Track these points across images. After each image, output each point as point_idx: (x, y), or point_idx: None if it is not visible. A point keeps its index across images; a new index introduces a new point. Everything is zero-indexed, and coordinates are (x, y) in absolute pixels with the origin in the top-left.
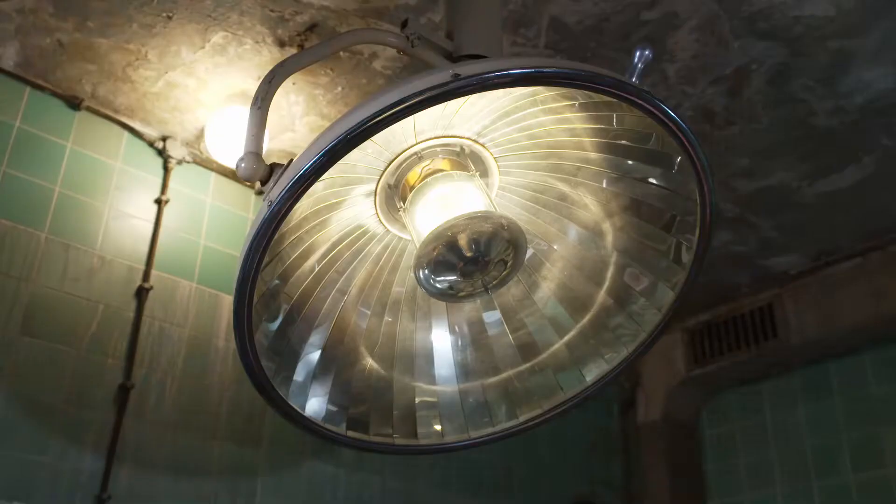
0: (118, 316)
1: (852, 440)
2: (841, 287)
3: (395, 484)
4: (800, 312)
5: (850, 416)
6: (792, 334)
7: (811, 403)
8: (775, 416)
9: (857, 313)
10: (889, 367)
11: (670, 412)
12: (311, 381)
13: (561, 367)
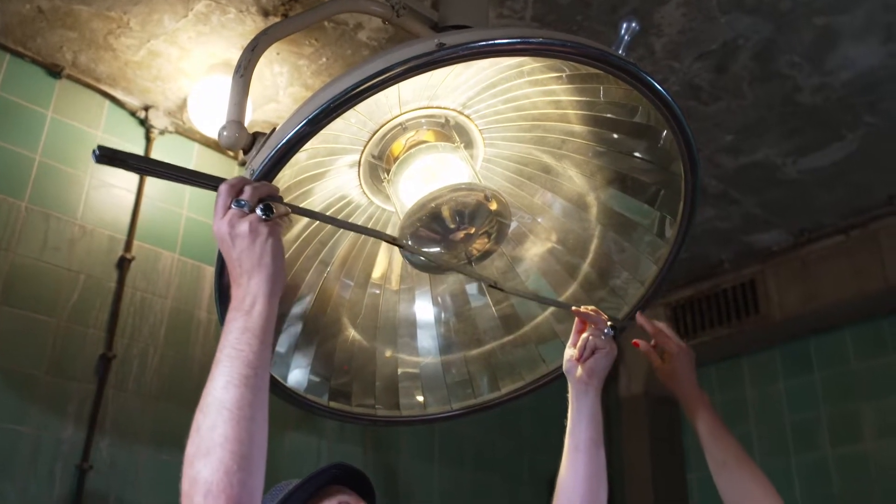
0: (99, 286)
1: (831, 415)
2: (822, 264)
3: (377, 456)
4: (781, 289)
5: (829, 392)
6: (773, 310)
7: (791, 379)
8: (755, 391)
9: (838, 290)
10: (869, 343)
11: (652, 387)
12: (293, 352)
13: (543, 340)
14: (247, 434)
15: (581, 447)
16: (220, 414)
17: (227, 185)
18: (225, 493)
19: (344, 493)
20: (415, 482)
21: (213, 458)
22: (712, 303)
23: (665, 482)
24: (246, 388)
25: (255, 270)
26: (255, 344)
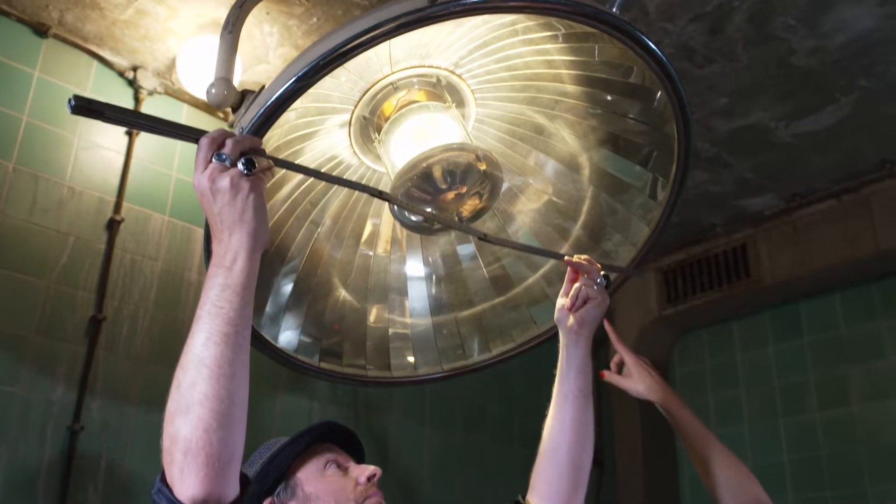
0: (89, 248)
1: (819, 379)
2: (814, 229)
3: (368, 418)
4: (772, 253)
5: (818, 356)
6: (764, 274)
7: (781, 343)
8: (745, 355)
9: (829, 255)
10: (859, 307)
11: (642, 350)
12: (284, 313)
13: (535, 301)
14: (226, 392)
15: (570, 396)
16: (199, 371)
17: (208, 138)
18: (204, 451)
19: (332, 451)
20: (406, 444)
21: (193, 416)
22: (703, 267)
23: (654, 445)
24: (226, 345)
25: (237, 226)
26: (235, 301)
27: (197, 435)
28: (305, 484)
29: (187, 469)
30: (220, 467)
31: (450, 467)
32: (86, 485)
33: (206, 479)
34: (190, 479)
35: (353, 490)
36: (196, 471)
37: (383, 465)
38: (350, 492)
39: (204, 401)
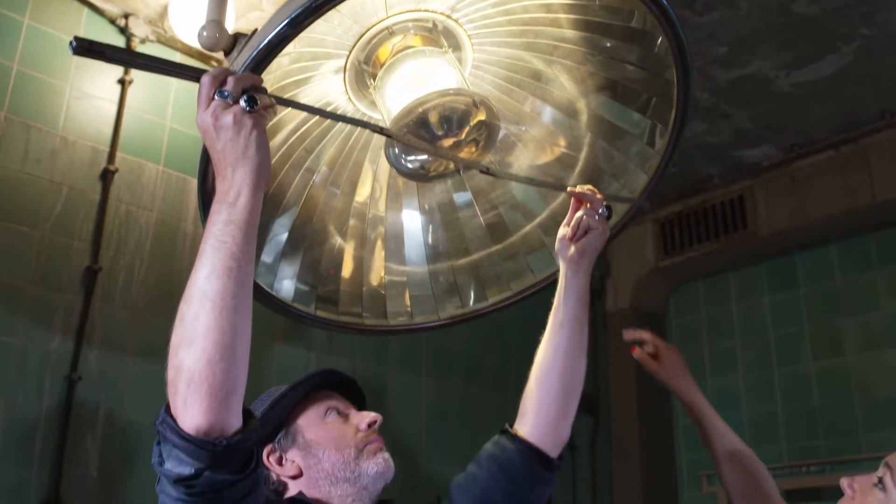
0: (83, 198)
1: (814, 330)
2: (812, 180)
3: (366, 367)
4: (770, 204)
5: (813, 307)
6: (761, 226)
7: (776, 294)
8: (741, 306)
9: (826, 206)
10: (855, 259)
11: (638, 302)
12: (280, 262)
13: (531, 250)
14: (229, 325)
15: (566, 323)
16: (202, 304)
17: (210, 76)
18: (207, 382)
19: (333, 399)
20: (403, 394)
21: (196, 348)
22: (700, 218)
23: (650, 396)
24: (228, 279)
25: (240, 162)
26: (238, 236)
27: (200, 366)
28: (306, 431)
29: (191, 399)
30: (222, 398)
31: (447, 417)
32: (84, 434)
33: (208, 410)
34: (193, 409)
35: (353, 436)
36: (199, 401)
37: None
38: (350, 438)
39: (207, 333)
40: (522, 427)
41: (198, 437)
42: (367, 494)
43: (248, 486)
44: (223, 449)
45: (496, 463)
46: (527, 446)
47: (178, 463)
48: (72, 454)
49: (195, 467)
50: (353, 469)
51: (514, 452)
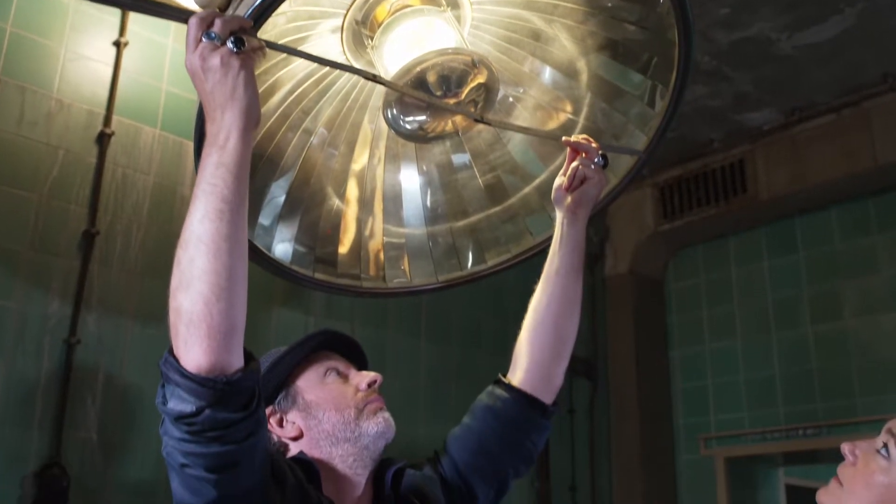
0: (80, 162)
1: (813, 294)
2: (812, 144)
3: (364, 332)
4: (770, 168)
5: (812, 271)
6: (761, 190)
7: (775, 258)
8: (740, 270)
9: (826, 170)
10: (854, 223)
11: (637, 266)
12: (277, 224)
13: (530, 212)
14: (223, 267)
15: (561, 272)
16: (197, 247)
17: (197, 17)
18: (205, 322)
19: (332, 359)
20: (402, 358)
21: (193, 291)
22: (700, 183)
23: (647, 360)
24: (221, 221)
25: (228, 104)
26: (229, 179)
27: (198, 308)
28: (305, 392)
29: (191, 341)
30: (221, 338)
31: (446, 381)
32: (84, 397)
33: (208, 350)
34: (194, 350)
35: (353, 397)
36: (199, 342)
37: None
38: (350, 398)
39: (202, 276)
40: (516, 375)
41: (199, 375)
42: (368, 454)
43: (249, 426)
44: (223, 386)
45: (491, 412)
46: (521, 394)
47: (180, 401)
48: (72, 417)
49: (196, 405)
50: (353, 429)
51: (509, 401)
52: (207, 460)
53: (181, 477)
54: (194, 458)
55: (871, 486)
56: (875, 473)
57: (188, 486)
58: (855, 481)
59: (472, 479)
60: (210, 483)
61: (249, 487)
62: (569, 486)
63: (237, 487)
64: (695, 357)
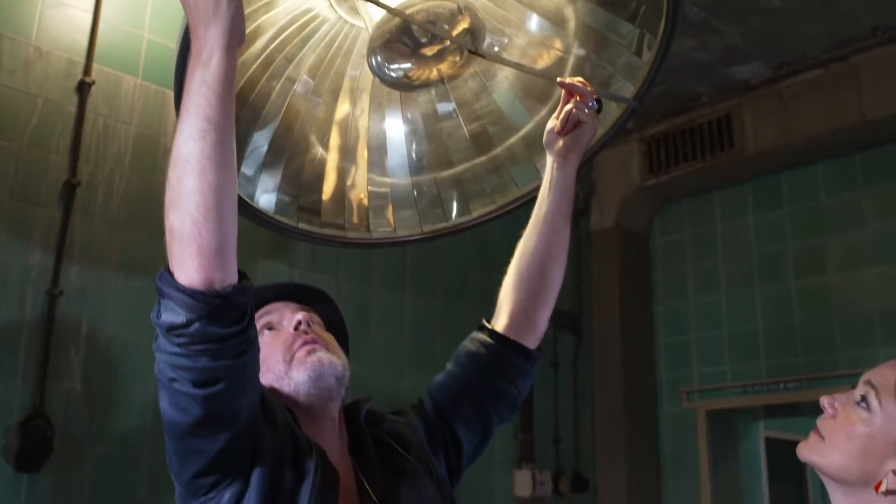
0: (60, 111)
1: (797, 249)
2: (800, 98)
3: (349, 285)
4: (757, 123)
5: (797, 226)
6: (748, 144)
7: (761, 213)
8: (725, 225)
9: (813, 125)
10: (840, 178)
11: (623, 220)
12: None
13: (515, 162)
14: (208, 186)
15: (549, 216)
16: (184, 168)
17: None
18: (195, 241)
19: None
20: (387, 311)
21: (182, 210)
22: (687, 137)
23: (632, 314)
24: (205, 141)
25: (212, 20)
26: (212, 98)
27: (187, 227)
28: None
29: (183, 258)
30: (211, 255)
31: (431, 334)
32: (67, 349)
33: (200, 267)
34: (186, 267)
35: (282, 349)
36: (190, 259)
37: (364, 333)
38: (279, 351)
39: (189, 195)
40: (499, 321)
41: (190, 288)
42: (315, 399)
43: (239, 344)
44: (213, 299)
45: (474, 358)
46: (504, 340)
47: (172, 313)
48: (55, 368)
49: (186, 317)
50: (287, 382)
51: (492, 346)
52: (195, 374)
53: (170, 394)
54: (182, 372)
55: (852, 438)
56: (856, 425)
57: (176, 403)
58: (836, 433)
59: (456, 426)
60: (197, 400)
61: (236, 410)
62: (552, 439)
63: (224, 408)
64: (679, 311)
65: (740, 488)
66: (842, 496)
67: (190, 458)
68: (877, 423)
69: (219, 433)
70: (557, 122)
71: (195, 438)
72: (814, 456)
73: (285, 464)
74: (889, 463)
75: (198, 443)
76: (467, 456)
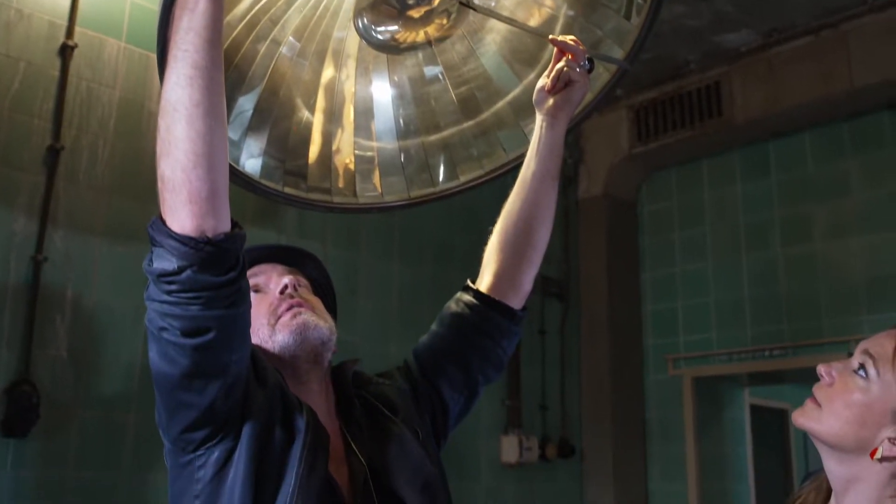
0: (42, 74)
1: (784, 217)
2: (789, 66)
3: (337, 252)
4: (746, 91)
5: (784, 194)
6: (737, 113)
7: (748, 182)
8: (713, 193)
9: (802, 93)
10: (828, 147)
11: (611, 188)
12: (246, 136)
13: (503, 127)
14: (197, 133)
15: (537, 175)
16: (172, 115)
17: None
18: (185, 188)
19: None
20: (375, 278)
21: (172, 158)
22: (676, 105)
23: (619, 282)
24: (192, 88)
25: None
26: (198, 43)
27: (177, 175)
28: None
29: (175, 206)
30: (202, 203)
31: (418, 300)
32: (53, 315)
33: (191, 215)
34: (178, 214)
35: (266, 311)
36: (182, 207)
37: (351, 299)
38: (264, 315)
39: (178, 143)
40: (484, 281)
41: (182, 234)
42: (303, 359)
43: (230, 295)
44: (205, 246)
45: (459, 319)
46: (489, 300)
47: (163, 260)
48: (41, 335)
49: (178, 263)
50: (272, 345)
51: (477, 307)
52: (184, 323)
53: (159, 344)
54: (172, 321)
55: (849, 406)
56: (853, 393)
57: (165, 354)
58: (833, 401)
59: (441, 386)
60: (186, 350)
61: (226, 363)
62: (539, 405)
63: (213, 359)
64: (666, 279)
65: (725, 454)
66: (836, 463)
67: (179, 411)
68: (874, 392)
69: (208, 386)
70: (548, 80)
71: (184, 391)
72: (810, 423)
73: (276, 423)
74: (885, 430)
75: (187, 396)
76: (454, 416)
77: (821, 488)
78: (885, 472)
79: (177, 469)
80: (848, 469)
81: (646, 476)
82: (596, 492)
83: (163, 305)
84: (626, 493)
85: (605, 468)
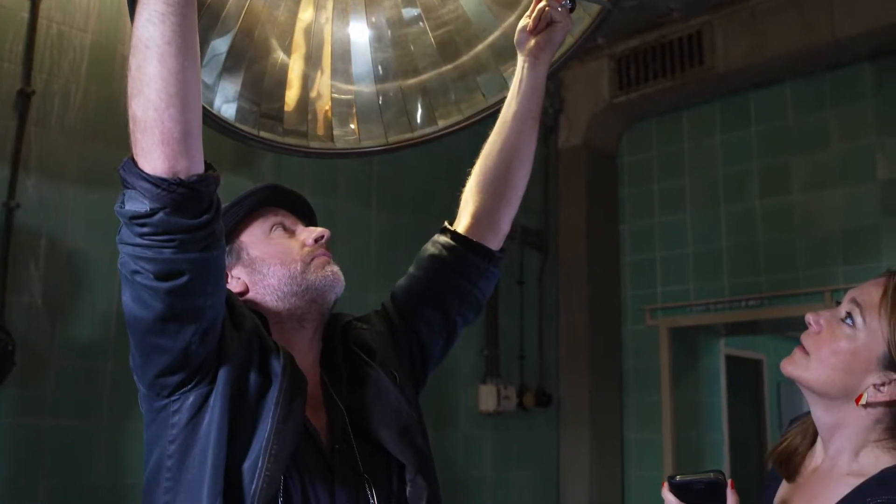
0: (11, 17)
1: (763, 168)
2: (772, 15)
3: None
4: (728, 40)
5: (764, 145)
6: (718, 62)
7: (728, 132)
8: (693, 144)
9: (784, 42)
10: (808, 98)
11: (591, 139)
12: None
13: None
14: (169, 72)
15: (518, 116)
16: (144, 53)
17: None
18: (157, 128)
19: (278, 215)
20: (353, 225)
21: (143, 97)
22: (657, 54)
23: (598, 232)
24: (164, 25)
25: None
26: None
27: (149, 115)
28: (250, 247)
29: (146, 147)
30: (175, 144)
31: (397, 248)
32: (27, 262)
33: (163, 156)
34: (150, 156)
35: (299, 251)
36: (154, 148)
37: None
38: (297, 253)
39: (150, 82)
40: (462, 222)
41: (154, 175)
42: (317, 308)
43: (204, 238)
44: (177, 187)
45: (437, 261)
46: (466, 241)
47: (135, 202)
48: (15, 281)
49: (150, 205)
50: (300, 283)
51: (455, 248)
52: (157, 266)
53: (132, 288)
54: (145, 264)
55: (837, 353)
56: (841, 341)
57: (138, 297)
58: (820, 348)
59: (419, 328)
60: (159, 294)
61: (200, 307)
62: (517, 355)
63: (187, 303)
64: (644, 230)
65: (700, 403)
66: (822, 409)
67: (153, 355)
68: (861, 339)
69: (182, 330)
70: (530, 20)
71: (158, 335)
72: (798, 371)
73: (252, 368)
74: (870, 377)
75: (160, 340)
76: (433, 359)
77: (806, 432)
78: (869, 418)
79: (152, 414)
80: (834, 416)
81: (622, 425)
82: (572, 440)
83: (135, 248)
84: (602, 442)
85: (581, 417)
